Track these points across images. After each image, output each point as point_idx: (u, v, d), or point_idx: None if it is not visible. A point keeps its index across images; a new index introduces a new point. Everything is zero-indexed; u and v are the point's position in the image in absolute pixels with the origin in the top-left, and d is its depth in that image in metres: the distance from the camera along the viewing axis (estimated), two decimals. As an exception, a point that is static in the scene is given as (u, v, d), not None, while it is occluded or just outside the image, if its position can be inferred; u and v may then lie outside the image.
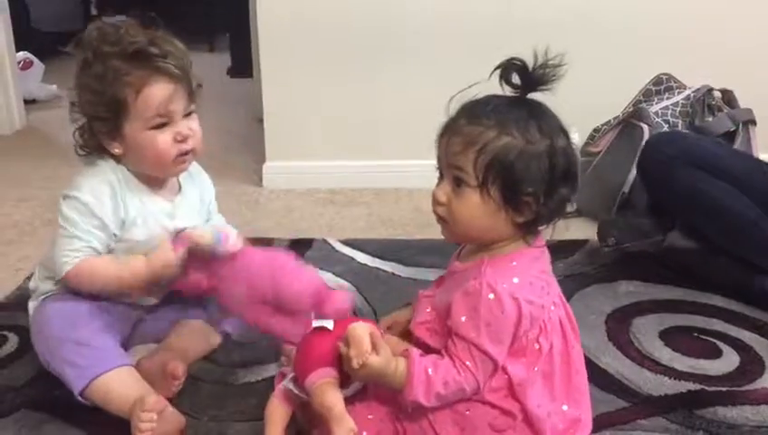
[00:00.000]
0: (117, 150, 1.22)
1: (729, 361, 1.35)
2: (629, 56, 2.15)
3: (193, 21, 4.75)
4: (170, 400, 1.14)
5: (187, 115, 1.23)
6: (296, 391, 1.03)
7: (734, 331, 1.44)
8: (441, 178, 1.02)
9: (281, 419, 1.04)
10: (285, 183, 2.26)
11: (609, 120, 2.06)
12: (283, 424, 1.04)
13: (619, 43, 2.16)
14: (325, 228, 1.98)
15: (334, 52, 2.18)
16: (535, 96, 1.00)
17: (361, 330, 0.97)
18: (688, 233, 1.61)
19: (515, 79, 0.99)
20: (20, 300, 1.44)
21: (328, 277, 1.65)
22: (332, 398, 0.97)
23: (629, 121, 1.96)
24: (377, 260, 1.74)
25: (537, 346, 0.99)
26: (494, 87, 1.01)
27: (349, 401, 1.03)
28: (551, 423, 1.00)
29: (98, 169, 1.23)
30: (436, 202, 1.02)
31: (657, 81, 2.07)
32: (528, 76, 0.99)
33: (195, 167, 1.35)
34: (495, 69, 1.00)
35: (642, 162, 1.68)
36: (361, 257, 1.77)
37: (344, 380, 1.01)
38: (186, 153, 1.24)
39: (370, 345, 0.96)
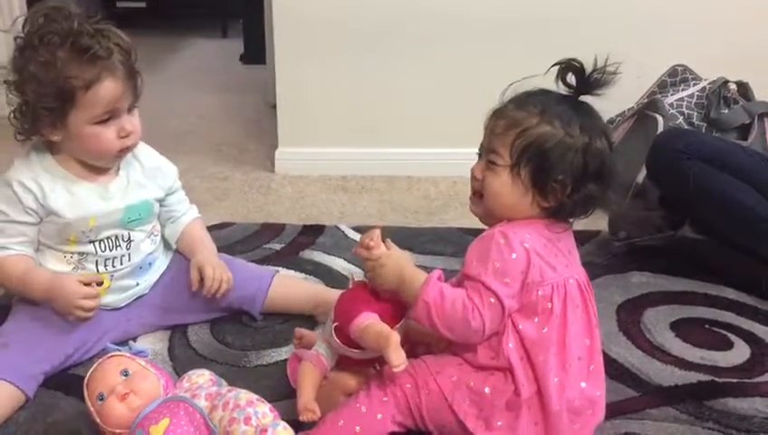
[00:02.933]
0: (55, 138, 1.23)
1: (740, 352, 1.35)
2: (644, 47, 2.13)
3: (206, 7, 4.77)
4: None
5: (131, 110, 1.25)
6: (337, 342, 1.06)
7: (745, 323, 1.44)
8: (479, 158, 1.08)
9: (312, 380, 1.08)
10: (297, 169, 2.26)
11: (624, 111, 2.05)
12: (315, 385, 1.07)
13: (634, 34, 2.14)
14: (337, 215, 1.99)
15: (348, 39, 2.18)
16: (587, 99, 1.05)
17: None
18: (698, 227, 1.61)
19: (571, 79, 1.04)
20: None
21: (339, 264, 1.66)
22: (386, 328, 1.01)
23: (644, 113, 1.96)
24: (388, 247, 1.74)
25: (549, 305, 1.01)
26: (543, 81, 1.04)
27: (363, 386, 1.07)
28: (566, 397, 1.00)
29: (27, 161, 1.25)
30: (473, 177, 1.08)
31: (673, 72, 2.05)
32: (584, 79, 1.04)
33: (142, 152, 1.36)
34: (553, 66, 1.04)
35: (650, 158, 1.68)
36: (373, 244, 1.77)
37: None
38: (127, 148, 1.26)
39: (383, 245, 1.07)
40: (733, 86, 1.97)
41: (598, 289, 1.52)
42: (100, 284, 1.27)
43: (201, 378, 1.06)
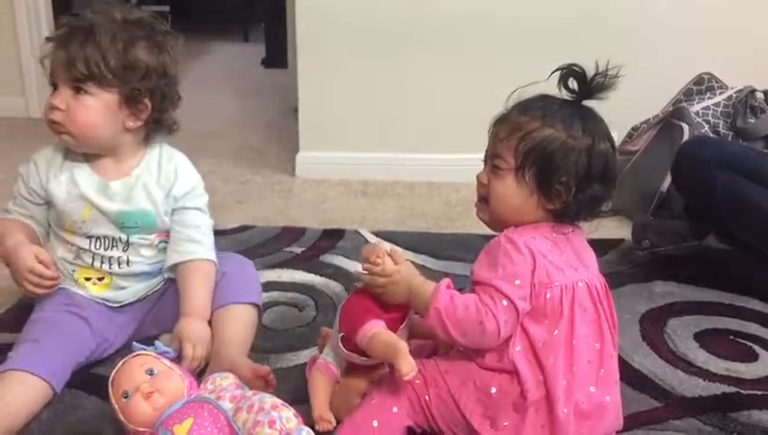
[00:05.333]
0: None
1: (765, 364, 1.33)
2: (670, 54, 2.12)
3: (229, 11, 4.81)
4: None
5: (75, 94, 1.22)
6: (345, 352, 1.07)
7: (771, 335, 1.42)
8: (485, 165, 1.09)
9: (324, 389, 1.09)
10: (318, 173, 2.26)
11: (648, 119, 2.04)
12: (327, 394, 1.08)
13: (660, 41, 2.13)
14: (357, 219, 1.99)
15: (370, 44, 2.18)
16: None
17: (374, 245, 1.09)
18: (724, 237, 1.59)
19: (573, 84, 1.05)
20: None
21: (359, 268, 1.65)
22: (393, 338, 1.02)
23: (669, 121, 1.94)
24: (408, 253, 1.73)
25: (560, 307, 1.00)
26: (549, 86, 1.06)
27: (376, 385, 1.07)
28: (574, 401, 0.99)
29: (55, 146, 1.30)
30: (479, 183, 1.09)
31: (699, 80, 2.04)
32: (586, 83, 1.04)
33: (172, 157, 1.33)
34: (554, 71, 1.05)
35: (676, 167, 1.67)
36: (393, 249, 1.76)
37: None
38: (52, 123, 1.24)
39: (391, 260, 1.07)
40: (760, 95, 1.95)
41: (621, 298, 1.53)
42: (99, 278, 1.29)
43: (225, 381, 1.06)
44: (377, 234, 1.84)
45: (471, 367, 1.04)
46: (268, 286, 1.56)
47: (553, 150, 1.01)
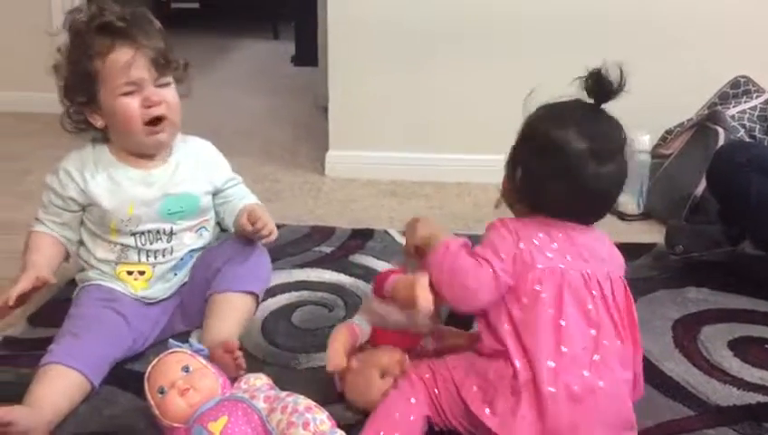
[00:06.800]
0: (99, 123, 1.29)
1: (802, 374, 1.31)
2: (705, 57, 2.09)
3: (258, 8, 4.83)
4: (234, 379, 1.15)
5: (162, 86, 1.28)
6: (375, 301, 1.19)
7: (808, 344, 1.39)
8: None
9: (343, 340, 1.15)
10: (347, 173, 2.27)
11: (683, 122, 2.01)
12: (346, 346, 1.14)
13: (695, 44, 2.10)
14: (386, 219, 1.99)
15: (402, 44, 2.18)
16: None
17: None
18: (759, 243, 1.56)
19: (590, 88, 1.09)
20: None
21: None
22: (414, 276, 1.10)
23: (704, 124, 1.91)
24: (438, 254, 1.74)
25: (538, 288, 1.03)
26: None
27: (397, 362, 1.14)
28: (563, 382, 0.99)
29: (81, 151, 1.32)
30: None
31: (735, 83, 2.01)
32: (601, 89, 1.08)
33: (200, 142, 1.40)
34: (575, 79, 1.09)
35: (711, 171, 1.65)
36: (423, 250, 1.77)
37: None
38: (156, 120, 1.27)
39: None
40: (798, 99, 1.92)
41: (653, 304, 1.52)
42: (141, 272, 1.32)
43: (258, 381, 1.07)
44: (406, 234, 1.84)
45: (473, 358, 1.08)
46: (297, 286, 1.57)
47: (524, 144, 1.12)
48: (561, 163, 1.06)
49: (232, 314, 1.31)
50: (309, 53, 3.51)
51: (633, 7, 2.10)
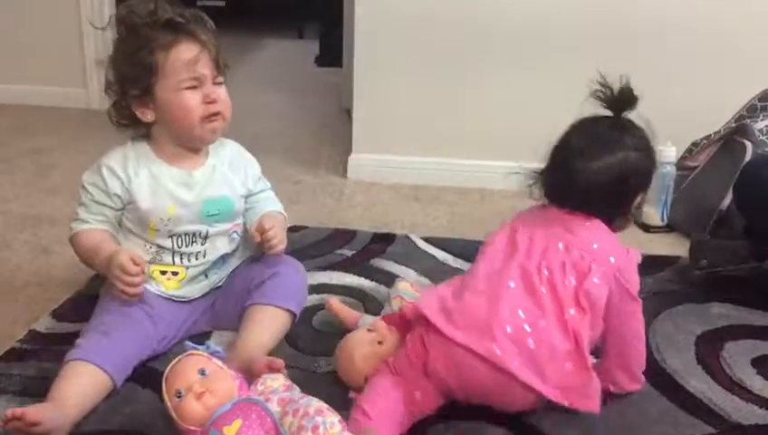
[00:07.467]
0: (149, 117, 1.30)
1: (826, 395, 1.29)
2: (734, 69, 2.07)
3: (284, 8, 4.85)
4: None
5: (217, 84, 1.30)
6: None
7: (833, 364, 1.37)
8: None
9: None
10: (370, 176, 2.27)
11: (710, 135, 1.99)
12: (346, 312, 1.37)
13: (724, 55, 2.08)
14: (408, 224, 1.99)
15: (428, 49, 2.18)
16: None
17: None
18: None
19: (604, 102, 1.20)
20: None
21: (410, 274, 1.66)
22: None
23: (732, 138, 1.89)
24: (459, 260, 1.73)
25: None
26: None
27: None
28: (536, 336, 1.09)
29: (122, 148, 1.33)
30: None
31: (763, 96, 1.98)
32: (614, 101, 1.20)
33: (232, 145, 1.42)
34: (587, 97, 1.21)
35: (738, 186, 1.63)
36: (443, 256, 1.76)
37: None
38: (213, 115, 1.29)
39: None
40: (827, 113, 1.89)
41: (676, 318, 1.50)
42: (174, 273, 1.33)
43: (275, 382, 1.07)
44: (427, 240, 1.84)
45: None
46: (319, 289, 1.57)
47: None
48: (559, 157, 1.21)
49: (270, 328, 1.32)
50: (333, 53, 3.52)
51: (662, 19, 2.08)
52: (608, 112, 1.21)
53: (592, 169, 1.17)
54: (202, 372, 1.05)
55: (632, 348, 1.21)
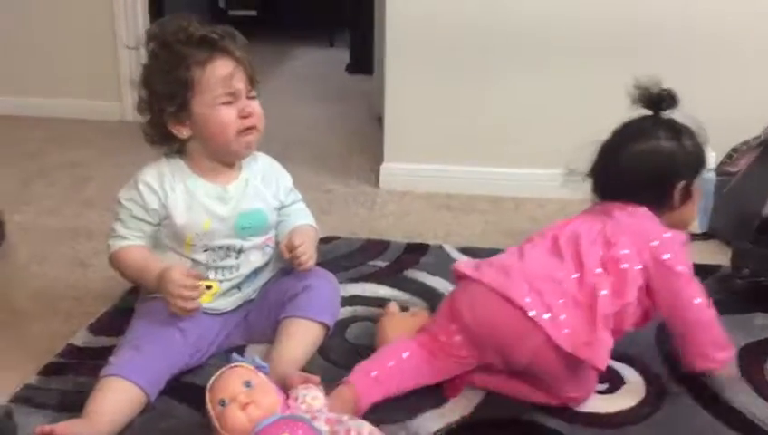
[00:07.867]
0: (185, 133, 1.30)
1: None
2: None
3: (315, 16, 4.87)
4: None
5: (251, 98, 1.31)
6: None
7: None
8: None
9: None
10: (402, 185, 2.26)
11: (748, 140, 1.95)
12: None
13: (764, 59, 2.03)
14: (441, 234, 1.97)
15: (460, 56, 2.16)
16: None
17: None
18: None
19: (644, 103, 1.29)
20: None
21: (443, 285, 1.64)
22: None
23: (772, 143, 1.85)
24: (493, 270, 1.71)
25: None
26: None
27: None
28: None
29: (157, 164, 1.34)
30: None
31: (805, 99, 1.93)
32: (652, 101, 1.28)
33: (264, 158, 1.43)
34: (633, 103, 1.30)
35: None
36: (477, 266, 1.74)
37: None
38: (249, 129, 1.30)
39: None
40: None
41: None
42: (208, 287, 1.32)
43: (317, 402, 1.07)
44: (461, 250, 1.82)
45: None
46: (352, 301, 1.57)
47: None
48: (601, 152, 1.32)
49: (304, 342, 1.32)
50: (364, 61, 3.53)
51: (700, 23, 2.05)
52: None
53: (625, 155, 1.28)
54: (247, 384, 1.05)
55: (691, 326, 1.25)
